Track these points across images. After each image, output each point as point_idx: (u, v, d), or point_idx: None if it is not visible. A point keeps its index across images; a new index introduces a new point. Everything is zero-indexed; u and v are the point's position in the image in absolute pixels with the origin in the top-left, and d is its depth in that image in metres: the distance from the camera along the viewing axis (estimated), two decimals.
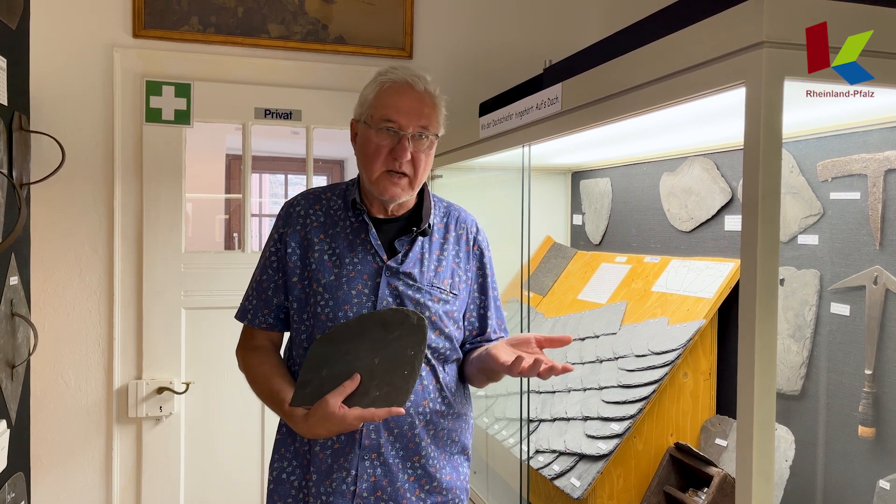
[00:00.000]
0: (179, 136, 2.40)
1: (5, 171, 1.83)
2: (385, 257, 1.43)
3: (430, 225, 1.47)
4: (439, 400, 1.44)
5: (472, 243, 1.55)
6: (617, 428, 1.76)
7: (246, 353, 1.52)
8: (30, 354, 2.06)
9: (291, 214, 1.49)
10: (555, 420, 1.98)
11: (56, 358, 2.30)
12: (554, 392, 2.07)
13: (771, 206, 1.03)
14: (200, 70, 2.42)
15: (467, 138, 2.24)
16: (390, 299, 1.40)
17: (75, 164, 2.28)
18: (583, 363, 2.04)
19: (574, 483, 1.76)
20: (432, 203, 1.52)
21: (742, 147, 1.06)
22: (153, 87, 2.37)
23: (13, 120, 1.90)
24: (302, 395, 1.31)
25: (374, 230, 1.44)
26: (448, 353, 1.47)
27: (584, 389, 1.95)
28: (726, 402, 1.86)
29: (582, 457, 1.80)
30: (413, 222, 1.49)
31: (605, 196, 2.49)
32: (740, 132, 1.06)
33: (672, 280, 1.99)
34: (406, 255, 1.44)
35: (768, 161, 1.02)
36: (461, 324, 1.50)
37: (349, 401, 1.30)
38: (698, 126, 1.61)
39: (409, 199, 1.46)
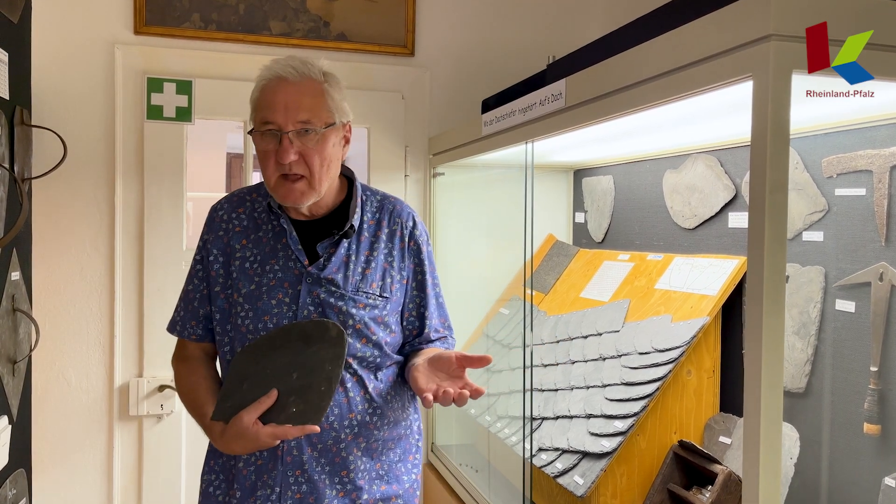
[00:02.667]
0: (181, 133, 2.39)
1: (7, 165, 1.82)
2: (307, 262, 1.34)
3: (353, 226, 1.37)
4: (369, 411, 1.37)
5: (407, 239, 1.43)
6: (620, 426, 1.75)
7: (177, 363, 1.45)
8: (31, 350, 2.05)
9: (214, 219, 1.42)
10: (558, 418, 1.97)
11: (57, 355, 2.29)
12: (557, 390, 2.06)
13: (778, 201, 1.03)
14: (202, 67, 2.42)
15: (469, 136, 2.23)
16: (311, 308, 1.32)
17: (77, 160, 2.27)
18: (585, 361, 2.03)
19: (577, 481, 1.75)
20: (363, 198, 1.43)
21: (746, 143, 1.06)
22: (154, 84, 2.36)
23: (15, 114, 1.89)
24: (222, 409, 1.27)
25: (294, 234, 1.35)
26: (378, 360, 1.39)
27: (588, 387, 1.95)
28: (730, 400, 1.85)
29: (585, 455, 1.79)
30: (340, 221, 1.39)
31: (607, 194, 2.49)
32: (744, 129, 1.05)
33: (675, 277, 1.99)
34: (329, 259, 1.35)
35: (776, 155, 1.01)
36: (395, 327, 1.42)
37: (267, 416, 1.24)
38: (702, 122, 1.60)
39: (318, 198, 1.34)
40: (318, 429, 1.24)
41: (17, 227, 1.78)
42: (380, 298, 1.38)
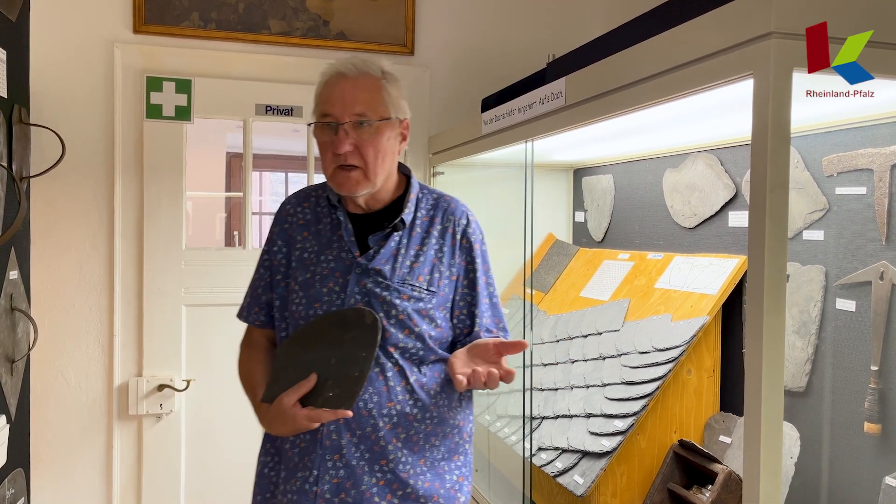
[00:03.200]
0: (180, 132, 2.38)
1: (5, 163, 1.82)
2: (357, 254, 1.39)
3: (402, 220, 1.41)
4: (409, 402, 1.37)
5: (459, 236, 1.46)
6: (620, 425, 1.75)
7: (242, 348, 1.54)
8: (30, 349, 2.05)
9: (282, 213, 1.50)
10: (557, 417, 1.97)
11: (56, 354, 2.28)
12: (557, 389, 2.06)
13: (779, 200, 1.02)
14: (201, 66, 2.41)
15: (469, 135, 2.23)
16: (358, 297, 1.37)
17: (76, 159, 2.27)
18: (585, 360, 2.03)
19: (577, 480, 1.75)
20: (418, 195, 1.47)
21: (746, 142, 1.05)
22: (154, 83, 2.36)
23: (13, 112, 1.89)
24: (271, 391, 1.34)
25: (349, 226, 1.41)
26: (421, 353, 1.40)
27: (587, 386, 1.94)
28: (730, 399, 1.85)
29: (585, 454, 1.79)
30: (394, 216, 1.43)
31: (607, 193, 2.48)
32: (744, 127, 1.05)
33: (675, 277, 1.98)
34: (378, 251, 1.39)
35: (776, 154, 1.01)
36: (442, 322, 1.43)
37: (307, 399, 1.30)
38: (702, 121, 1.60)
39: (373, 190, 1.39)
40: (350, 413, 1.28)
41: (15, 225, 1.78)
42: (426, 292, 1.40)
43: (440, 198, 1.50)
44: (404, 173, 1.51)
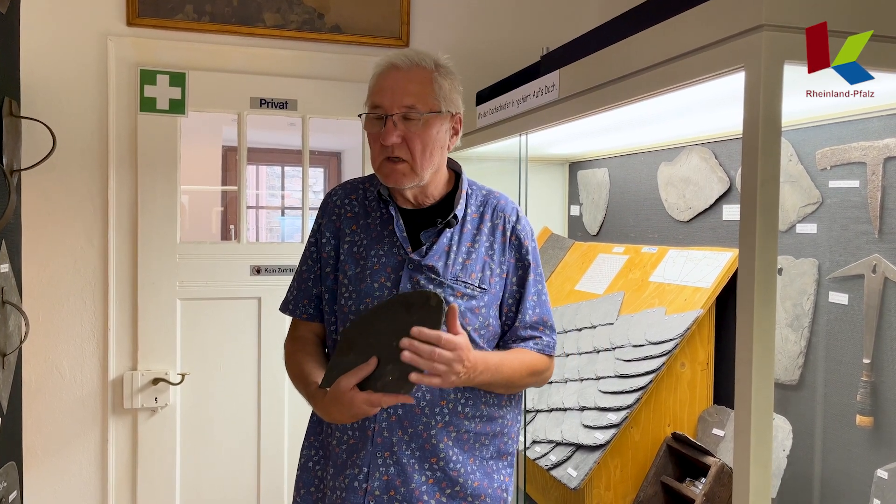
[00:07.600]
0: (174, 125, 2.37)
1: None
2: (409, 250, 1.37)
3: (455, 216, 1.39)
4: (461, 401, 1.36)
5: (509, 233, 1.43)
6: (614, 418, 1.75)
7: (288, 343, 1.50)
8: (21, 343, 2.04)
9: (328, 205, 1.47)
10: (552, 410, 1.97)
11: (50, 348, 2.28)
12: (551, 382, 2.06)
13: (770, 192, 1.02)
14: (195, 59, 2.40)
15: (464, 128, 2.22)
16: None
17: (69, 152, 2.26)
18: (580, 353, 2.03)
19: (571, 473, 1.75)
20: (468, 191, 1.45)
21: (740, 135, 1.05)
22: (147, 76, 2.34)
23: (3, 105, 1.88)
24: (330, 377, 1.30)
25: (400, 221, 1.39)
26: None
27: (582, 380, 1.95)
28: (724, 393, 1.86)
29: (579, 447, 1.79)
30: (445, 212, 1.41)
31: (602, 186, 2.48)
32: (738, 120, 1.05)
33: (670, 270, 1.98)
34: (431, 247, 1.37)
35: (767, 146, 1.01)
36: (493, 320, 1.40)
37: (366, 383, 1.25)
38: (696, 114, 1.59)
39: (420, 184, 1.37)
40: (412, 399, 1.23)
41: (5, 218, 1.78)
42: (478, 289, 1.38)
43: (489, 194, 1.48)
44: (454, 169, 1.49)
